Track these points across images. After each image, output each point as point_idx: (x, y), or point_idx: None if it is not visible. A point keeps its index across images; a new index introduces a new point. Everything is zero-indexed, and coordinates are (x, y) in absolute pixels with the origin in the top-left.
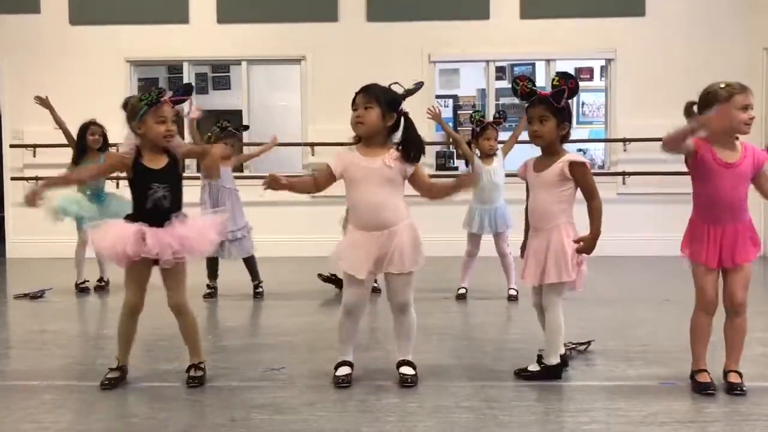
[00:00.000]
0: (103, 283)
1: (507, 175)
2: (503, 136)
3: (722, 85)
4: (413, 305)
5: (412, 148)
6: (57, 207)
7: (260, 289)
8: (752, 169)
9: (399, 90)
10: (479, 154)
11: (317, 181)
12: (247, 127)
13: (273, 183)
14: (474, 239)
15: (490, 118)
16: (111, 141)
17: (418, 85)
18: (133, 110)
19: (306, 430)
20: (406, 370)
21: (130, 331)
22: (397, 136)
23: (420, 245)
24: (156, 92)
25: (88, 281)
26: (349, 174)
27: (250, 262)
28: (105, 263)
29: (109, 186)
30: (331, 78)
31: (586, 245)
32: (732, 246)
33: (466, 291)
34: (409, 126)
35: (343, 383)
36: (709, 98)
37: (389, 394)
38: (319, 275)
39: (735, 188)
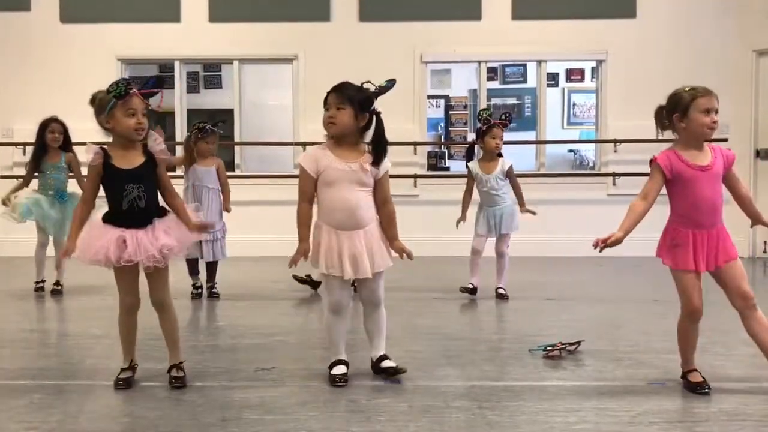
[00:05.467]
0: (59, 287)
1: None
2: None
3: (687, 89)
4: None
5: (378, 148)
6: (21, 209)
7: (216, 290)
8: (723, 168)
9: (371, 89)
10: (482, 153)
11: (310, 201)
12: (224, 122)
13: (300, 258)
14: (479, 238)
15: None
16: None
17: (391, 83)
18: (101, 104)
19: (297, 429)
20: (389, 363)
21: (130, 329)
22: (369, 135)
23: (388, 245)
24: (124, 84)
25: (44, 281)
26: (326, 176)
27: (213, 265)
28: (63, 267)
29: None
30: (323, 77)
31: None
32: (724, 244)
33: (473, 287)
34: (379, 126)
35: (340, 382)
36: (674, 101)
37: (380, 394)
38: (294, 276)
39: (714, 190)
